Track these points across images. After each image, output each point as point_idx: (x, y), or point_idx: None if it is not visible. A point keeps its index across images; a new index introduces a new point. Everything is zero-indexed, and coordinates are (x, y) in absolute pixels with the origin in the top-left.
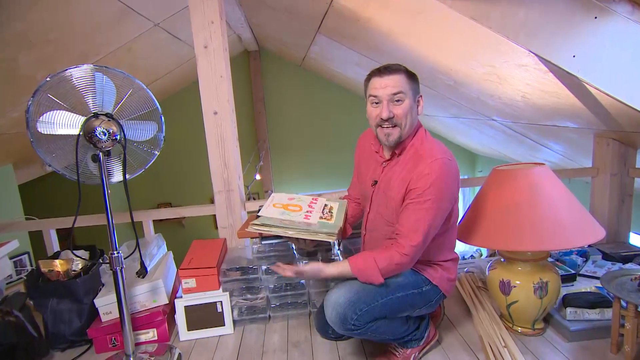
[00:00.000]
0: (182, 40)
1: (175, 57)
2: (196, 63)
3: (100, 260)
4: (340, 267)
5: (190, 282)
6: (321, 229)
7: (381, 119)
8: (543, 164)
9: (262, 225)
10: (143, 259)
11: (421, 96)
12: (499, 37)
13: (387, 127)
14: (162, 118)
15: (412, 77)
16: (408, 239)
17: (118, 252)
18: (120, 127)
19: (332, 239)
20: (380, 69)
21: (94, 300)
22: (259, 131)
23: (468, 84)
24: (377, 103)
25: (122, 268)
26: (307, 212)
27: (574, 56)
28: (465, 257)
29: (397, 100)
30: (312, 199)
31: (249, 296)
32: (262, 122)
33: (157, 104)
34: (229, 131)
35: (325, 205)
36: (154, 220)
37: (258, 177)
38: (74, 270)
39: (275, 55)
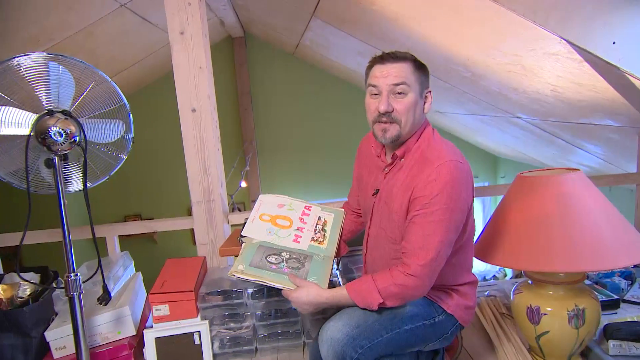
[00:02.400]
0: (154, 24)
1: (145, 44)
2: (171, 51)
3: (54, 285)
4: (335, 293)
5: (163, 309)
6: (311, 275)
7: (379, 112)
8: (577, 169)
9: (244, 273)
10: (106, 282)
11: (430, 91)
12: (525, 22)
13: (384, 122)
14: (131, 116)
15: (420, 68)
16: (415, 257)
17: (76, 275)
18: (80, 126)
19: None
20: (383, 55)
21: (45, 333)
22: (245, 131)
23: (488, 76)
24: (376, 94)
25: (80, 293)
26: (298, 229)
27: (614, 43)
28: (487, 278)
29: (399, 93)
30: (305, 207)
31: (232, 325)
32: (248, 120)
33: (125, 99)
34: (210, 131)
35: (319, 218)
36: (120, 236)
37: (244, 184)
38: (21, 297)
39: (263, 42)
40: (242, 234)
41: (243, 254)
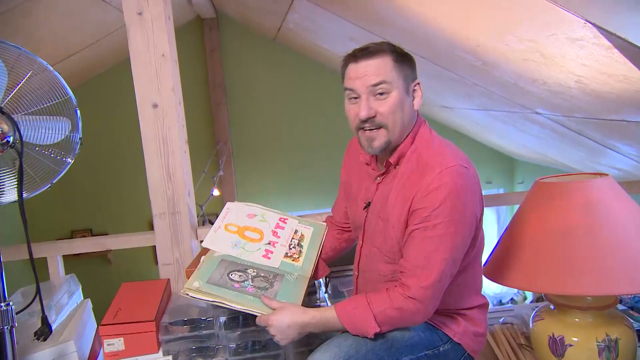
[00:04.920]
0: (107, 2)
1: (96, 25)
2: (127, 36)
3: None
4: (323, 312)
5: (117, 344)
6: (281, 296)
7: (360, 119)
8: (606, 174)
9: (200, 292)
10: (46, 312)
11: (418, 83)
12: (544, 2)
13: (369, 130)
14: (78, 112)
15: (402, 58)
16: (416, 278)
17: (7, 304)
18: (14, 124)
19: None
20: (355, 51)
21: None
22: (217, 130)
23: (502, 65)
24: (355, 98)
25: (12, 327)
26: (270, 243)
27: None
28: (503, 301)
29: (380, 94)
30: (280, 218)
31: None
32: (222, 117)
33: (70, 92)
34: (175, 130)
35: (296, 231)
36: (65, 256)
37: (216, 192)
38: None
39: (239, 25)
40: (203, 245)
41: (201, 268)
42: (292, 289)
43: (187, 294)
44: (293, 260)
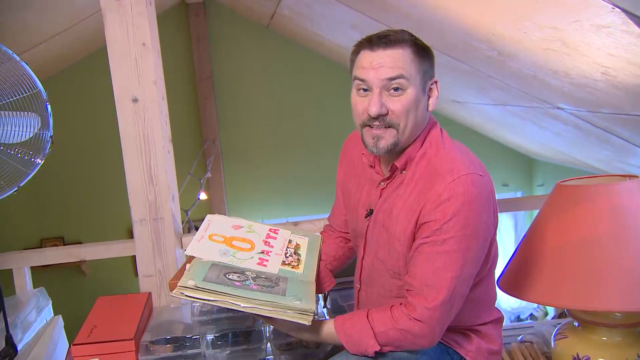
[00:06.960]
0: None
1: (68, 10)
2: (103, 23)
3: None
4: (323, 325)
5: None
6: (291, 302)
7: (369, 115)
8: (636, 176)
9: (197, 290)
10: (10, 330)
11: (436, 82)
12: None
13: (377, 128)
14: (49, 107)
15: (422, 52)
16: (422, 297)
17: None
18: None
19: (307, 322)
20: (372, 38)
21: None
22: (205, 127)
23: (519, 55)
24: (365, 90)
25: None
26: (263, 252)
27: None
28: (522, 317)
29: (395, 89)
30: (270, 229)
31: None
32: (209, 113)
33: (40, 84)
34: (157, 128)
35: (290, 241)
36: (33, 267)
37: (204, 196)
38: None
39: (229, 11)
40: (186, 253)
41: (191, 270)
42: (301, 286)
43: (182, 293)
44: (293, 268)
